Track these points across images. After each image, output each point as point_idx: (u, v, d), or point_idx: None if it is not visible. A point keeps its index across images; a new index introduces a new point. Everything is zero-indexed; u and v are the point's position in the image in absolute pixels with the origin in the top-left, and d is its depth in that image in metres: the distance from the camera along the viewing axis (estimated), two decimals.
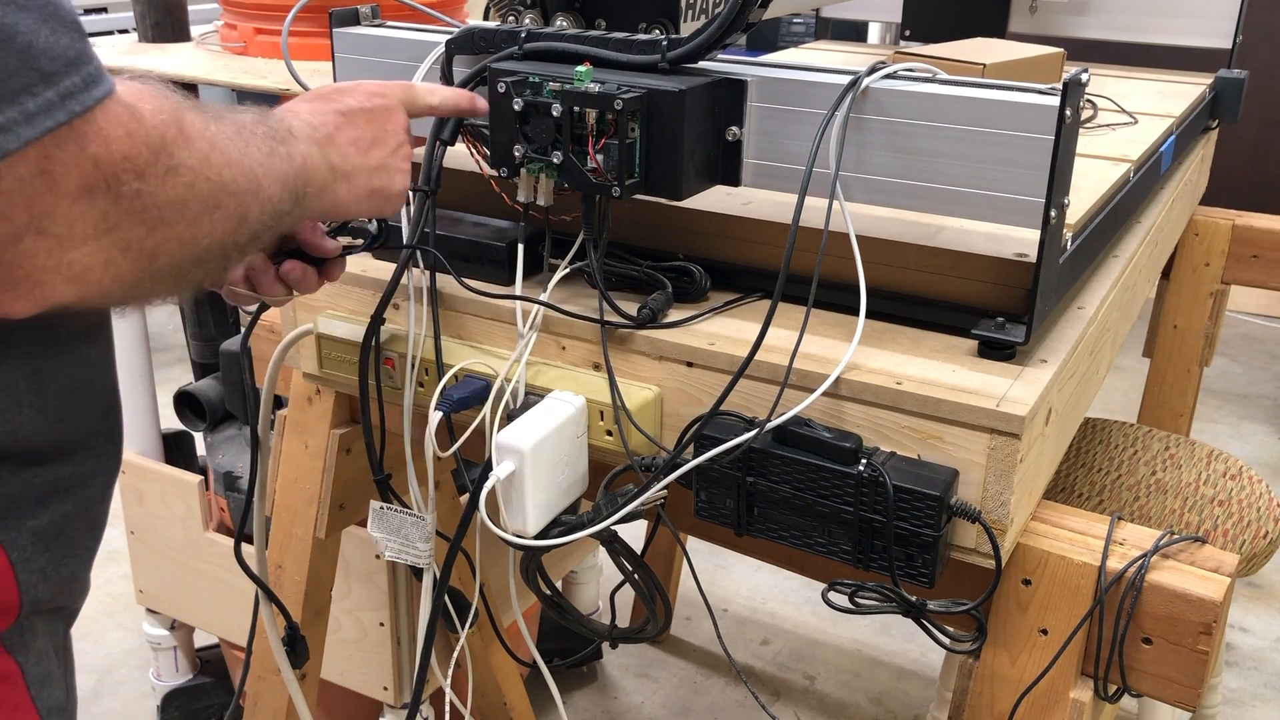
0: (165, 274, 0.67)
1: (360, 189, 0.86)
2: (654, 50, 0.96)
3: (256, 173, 0.71)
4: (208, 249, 0.68)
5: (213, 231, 0.68)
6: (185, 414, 1.90)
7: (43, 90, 0.58)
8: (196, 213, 0.66)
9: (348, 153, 0.85)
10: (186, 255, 0.67)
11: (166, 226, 0.65)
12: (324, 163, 0.82)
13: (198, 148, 0.66)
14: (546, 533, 0.96)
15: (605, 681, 2.27)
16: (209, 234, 0.68)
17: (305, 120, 0.82)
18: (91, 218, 0.61)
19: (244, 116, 0.75)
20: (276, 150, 0.75)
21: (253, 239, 0.73)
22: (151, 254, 0.65)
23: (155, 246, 0.65)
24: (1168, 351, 1.98)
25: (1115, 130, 1.44)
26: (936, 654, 2.26)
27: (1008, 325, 0.94)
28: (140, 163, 0.62)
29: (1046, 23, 2.01)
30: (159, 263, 0.66)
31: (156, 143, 0.63)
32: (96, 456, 0.81)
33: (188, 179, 0.65)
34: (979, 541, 0.89)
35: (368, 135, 0.87)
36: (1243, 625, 2.45)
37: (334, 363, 1.14)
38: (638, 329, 1.00)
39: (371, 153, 0.87)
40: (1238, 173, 3.90)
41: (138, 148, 0.62)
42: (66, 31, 0.60)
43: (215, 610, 1.87)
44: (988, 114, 0.88)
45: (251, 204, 0.71)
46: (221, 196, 0.68)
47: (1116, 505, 1.55)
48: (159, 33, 1.80)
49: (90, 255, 0.62)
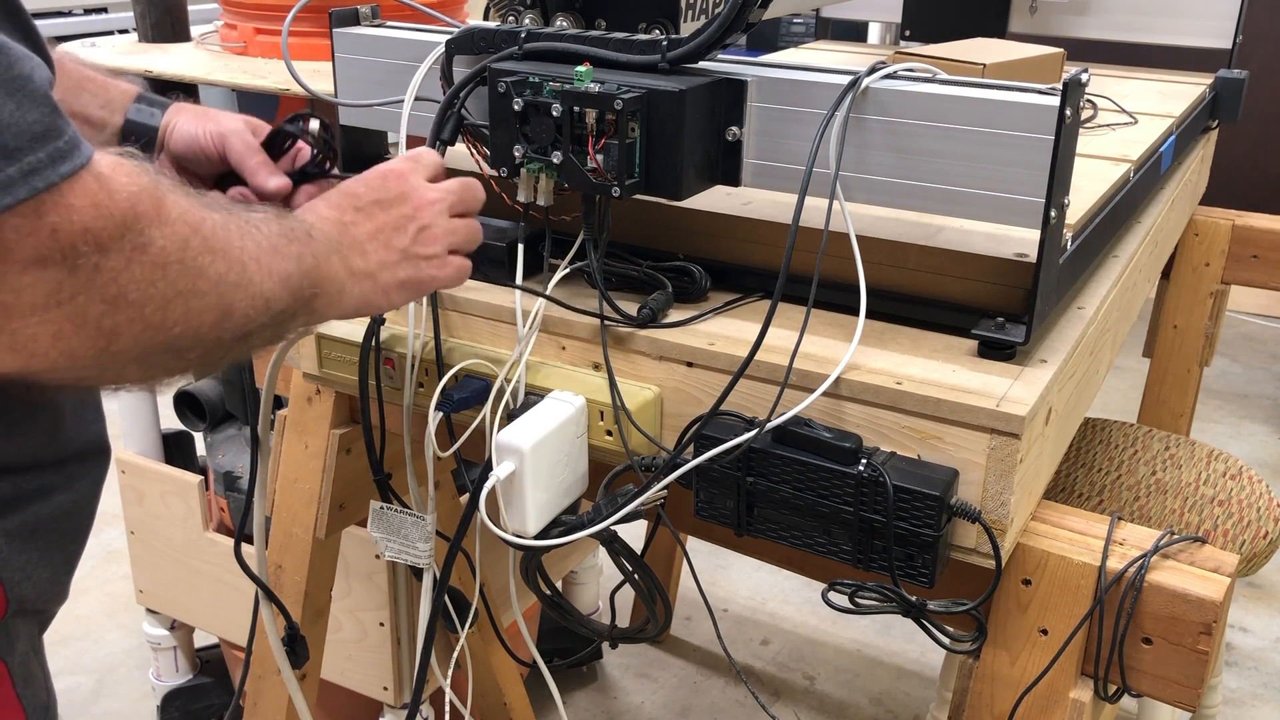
0: (129, 357, 0.64)
1: (388, 284, 0.83)
2: (654, 50, 0.96)
3: (248, 267, 0.69)
4: (182, 337, 0.65)
5: (187, 319, 0.65)
6: (185, 414, 1.90)
7: (4, 166, 0.56)
8: (166, 296, 0.63)
9: (369, 250, 0.82)
10: (155, 341, 0.64)
11: (130, 306, 0.62)
12: (343, 267, 0.79)
13: (175, 229, 0.64)
14: (546, 533, 0.96)
15: (605, 681, 2.27)
16: (182, 321, 0.65)
17: (325, 220, 0.80)
18: (42, 288, 0.59)
19: (256, 213, 0.73)
20: (283, 249, 0.72)
21: (244, 336, 0.70)
22: (110, 333, 0.62)
23: (115, 326, 0.62)
24: (1168, 351, 1.98)
25: (1115, 130, 1.44)
26: (936, 654, 2.26)
27: (1008, 325, 0.94)
28: (103, 236, 0.60)
29: (1046, 23, 2.01)
30: (119, 344, 0.63)
31: (125, 217, 0.61)
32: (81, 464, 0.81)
33: (157, 259, 0.62)
34: (979, 541, 0.89)
35: (387, 226, 0.84)
36: (1243, 625, 2.45)
37: (334, 363, 1.14)
38: (638, 329, 1.00)
39: (394, 243, 0.84)
40: (1238, 173, 3.90)
41: (102, 220, 0.60)
42: (35, 106, 0.58)
43: (215, 610, 1.87)
44: (988, 114, 0.88)
45: (237, 297, 0.68)
46: (198, 282, 0.65)
47: (1116, 505, 1.55)
48: (159, 33, 1.80)
49: (37, 326, 0.60)
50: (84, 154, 0.60)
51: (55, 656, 2.27)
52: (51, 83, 0.62)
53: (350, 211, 0.82)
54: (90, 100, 0.95)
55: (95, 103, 0.95)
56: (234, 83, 1.56)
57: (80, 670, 2.27)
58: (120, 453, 1.90)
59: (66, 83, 0.94)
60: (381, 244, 0.83)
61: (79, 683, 2.24)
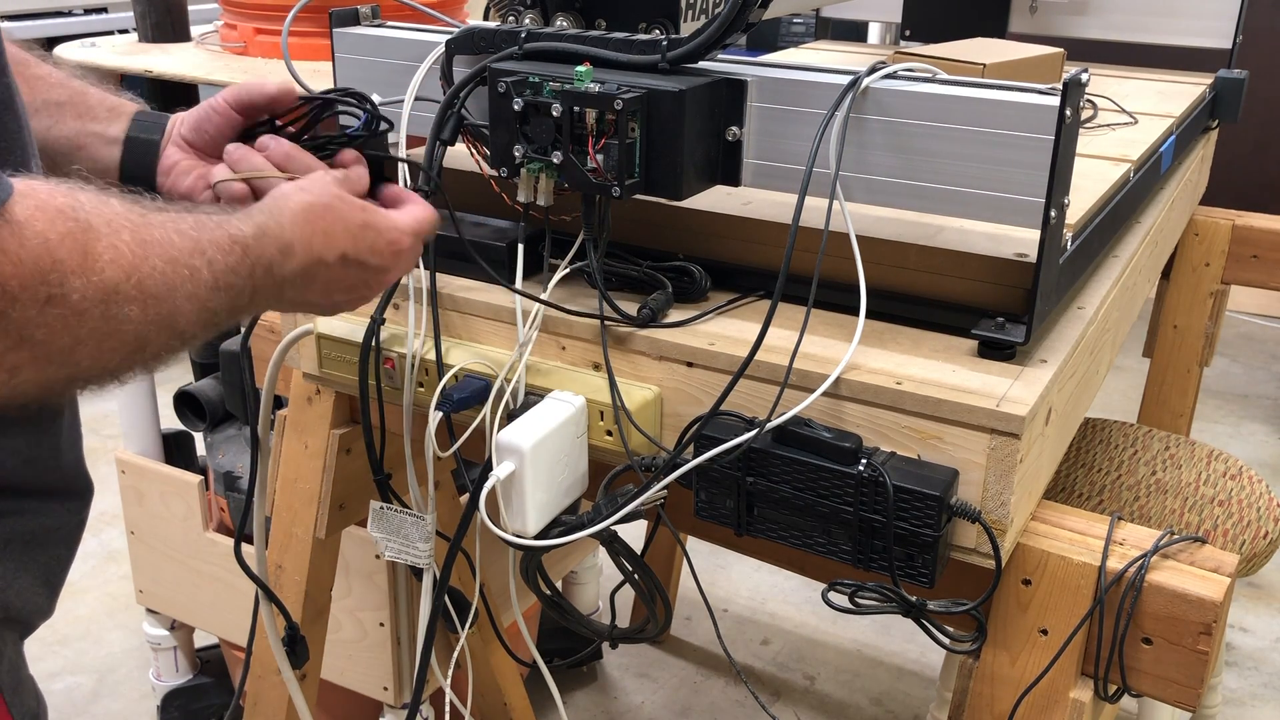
0: (28, 389, 0.62)
1: (298, 307, 0.85)
2: (654, 50, 0.96)
3: (179, 309, 0.67)
4: (89, 370, 0.64)
5: (98, 358, 0.63)
6: (185, 414, 1.90)
7: None
8: (78, 339, 0.61)
9: (314, 290, 0.81)
10: (58, 375, 0.62)
11: (33, 348, 0.60)
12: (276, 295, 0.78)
13: (102, 278, 0.61)
14: (546, 533, 0.96)
15: (605, 681, 2.27)
16: (92, 360, 0.63)
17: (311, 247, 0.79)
18: None
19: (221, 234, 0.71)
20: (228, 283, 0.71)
21: (150, 361, 0.68)
22: (10, 369, 0.59)
23: (16, 364, 0.59)
24: (1168, 351, 1.98)
25: (1115, 130, 1.44)
26: (936, 654, 2.26)
27: (1008, 325, 0.94)
28: (10, 285, 0.57)
29: (1046, 23, 2.01)
30: (18, 379, 0.60)
31: (40, 265, 0.58)
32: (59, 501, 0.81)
33: (75, 308, 0.60)
34: (979, 541, 0.89)
35: (347, 284, 0.84)
36: (1243, 625, 2.45)
37: (334, 363, 1.14)
38: (638, 329, 1.00)
39: (333, 296, 0.84)
40: (1238, 173, 3.90)
41: (8, 269, 0.57)
42: None
43: (215, 610, 1.87)
44: (988, 114, 0.88)
45: (154, 334, 0.66)
46: (119, 328, 0.63)
47: (1116, 505, 1.55)
48: (159, 33, 1.80)
49: None
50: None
51: (55, 656, 2.28)
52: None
53: (337, 253, 0.81)
54: (94, 105, 0.95)
55: (102, 107, 0.96)
56: (234, 83, 1.56)
57: (80, 670, 2.27)
58: (120, 453, 1.90)
59: (68, 90, 0.94)
60: (326, 293, 0.83)
61: (79, 683, 2.24)
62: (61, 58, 1.71)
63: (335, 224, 0.81)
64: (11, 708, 0.77)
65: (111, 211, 0.64)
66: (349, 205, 0.83)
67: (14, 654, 0.80)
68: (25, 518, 0.78)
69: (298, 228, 0.79)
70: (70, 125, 0.93)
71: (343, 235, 0.81)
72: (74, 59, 1.68)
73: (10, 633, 0.80)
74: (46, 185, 0.61)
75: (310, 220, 0.80)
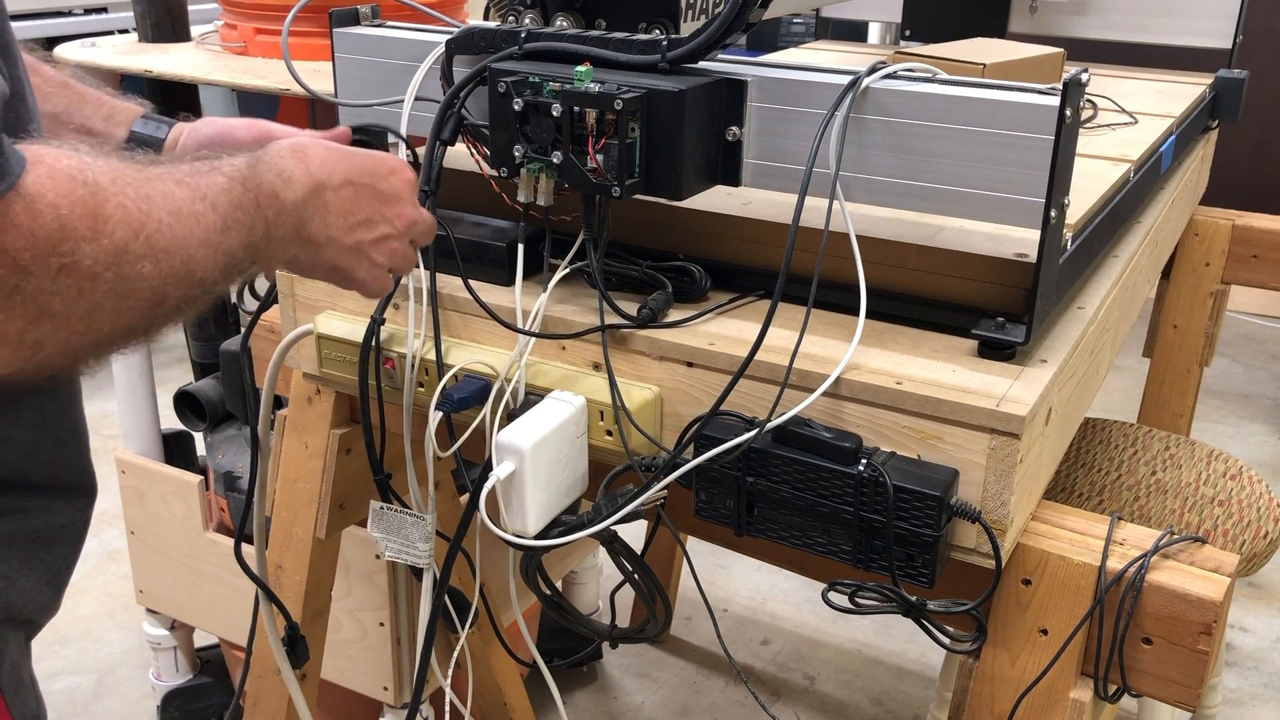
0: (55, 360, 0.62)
1: (324, 260, 0.83)
2: (654, 50, 0.96)
3: (193, 256, 0.66)
4: (111, 333, 0.64)
5: (117, 320, 0.63)
6: (185, 414, 1.90)
7: None
8: (95, 305, 0.61)
9: (330, 222, 0.81)
10: (82, 343, 0.62)
11: (53, 319, 0.60)
12: (294, 230, 0.77)
13: (112, 241, 0.61)
14: (546, 533, 0.96)
15: (605, 681, 2.27)
16: (111, 322, 0.63)
17: (308, 175, 0.79)
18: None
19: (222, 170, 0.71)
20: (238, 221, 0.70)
21: (173, 313, 0.68)
22: (34, 345, 0.60)
23: (39, 339, 0.60)
24: (1168, 351, 1.98)
25: (1115, 130, 1.44)
26: (936, 654, 2.26)
27: (1008, 325, 0.94)
28: (24, 259, 0.57)
29: (1046, 23, 2.01)
30: (44, 353, 0.61)
31: (51, 236, 0.58)
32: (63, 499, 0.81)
33: (88, 273, 0.60)
34: (979, 541, 0.89)
35: (361, 213, 0.83)
36: (1243, 625, 2.45)
37: (334, 363, 1.14)
38: (638, 329, 1.00)
39: (355, 231, 0.83)
40: (1238, 173, 3.90)
41: (21, 243, 0.57)
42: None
43: (215, 610, 1.87)
44: (988, 114, 0.88)
45: (172, 288, 0.66)
46: (134, 287, 0.63)
47: (1116, 505, 1.55)
48: (159, 33, 1.80)
49: None
50: (8, 180, 0.57)
51: (55, 656, 2.28)
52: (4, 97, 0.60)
53: (340, 176, 0.81)
54: (93, 113, 0.95)
55: (99, 115, 0.96)
56: (234, 83, 1.56)
57: (80, 670, 2.27)
58: (120, 453, 1.90)
59: (68, 95, 0.94)
60: (345, 225, 0.82)
61: (79, 683, 2.24)
62: (62, 58, 1.71)
63: (328, 154, 0.81)
64: (11, 708, 0.77)
65: (114, 169, 0.64)
66: (336, 146, 0.83)
67: (16, 654, 0.80)
68: (29, 515, 0.78)
69: (291, 158, 0.78)
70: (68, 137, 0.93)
71: (339, 161, 0.81)
72: (74, 59, 1.68)
73: (14, 633, 0.80)
74: (51, 149, 0.61)
75: (299, 153, 0.80)
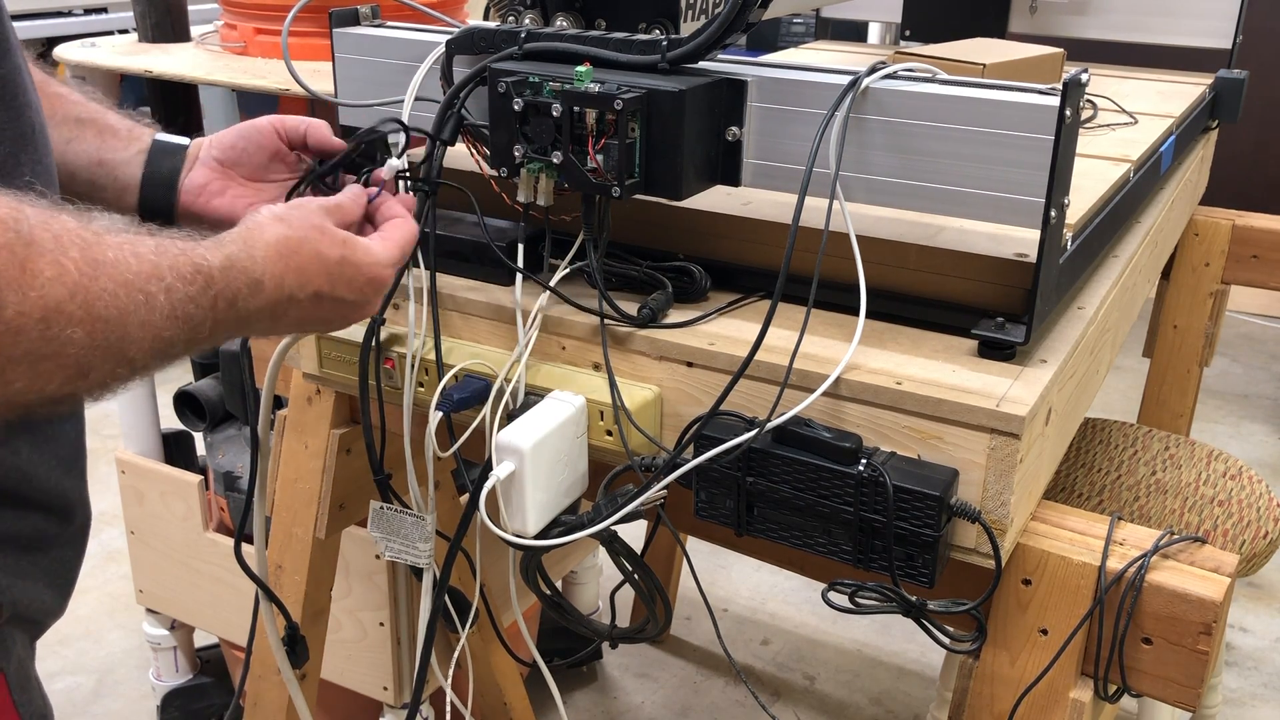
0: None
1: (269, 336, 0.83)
2: (654, 50, 0.96)
3: (130, 334, 0.63)
4: (22, 394, 0.60)
5: (33, 382, 0.59)
6: (185, 414, 1.90)
7: None
8: (8, 360, 0.58)
9: (280, 324, 0.79)
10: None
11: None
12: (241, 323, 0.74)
13: (43, 294, 0.58)
14: (546, 533, 0.96)
15: (605, 681, 2.27)
16: (27, 382, 0.59)
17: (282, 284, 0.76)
18: None
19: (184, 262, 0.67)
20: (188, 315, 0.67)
21: (97, 388, 0.64)
22: None
23: None
24: (1168, 351, 1.98)
25: (1115, 130, 1.44)
26: (936, 654, 2.26)
27: (1008, 325, 0.94)
28: None
29: (1046, 23, 2.01)
30: None
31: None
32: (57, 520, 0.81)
33: (8, 325, 0.57)
34: (979, 541, 0.89)
35: (319, 315, 0.81)
36: (1243, 625, 2.45)
37: (334, 363, 1.14)
38: (638, 329, 1.00)
39: (307, 328, 0.83)
40: (1238, 173, 3.90)
41: None
42: None
43: (215, 610, 1.87)
44: (988, 114, 0.88)
45: (101, 361, 0.62)
46: (60, 350, 0.59)
47: (1116, 505, 1.55)
48: (159, 33, 1.80)
49: None
50: None
51: (55, 656, 2.28)
52: None
53: (311, 289, 0.78)
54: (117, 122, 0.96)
55: (123, 126, 0.96)
56: (234, 83, 1.56)
57: (80, 670, 2.27)
58: (120, 453, 1.90)
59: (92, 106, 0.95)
60: (301, 323, 0.81)
61: (79, 683, 2.24)
62: (62, 58, 1.71)
63: (311, 261, 0.78)
64: (19, 706, 0.77)
65: (61, 227, 0.61)
66: (328, 240, 0.80)
67: (23, 654, 0.80)
68: (5, 522, 0.78)
69: (270, 263, 0.75)
70: (90, 142, 0.93)
71: (318, 273, 0.78)
72: (74, 59, 1.68)
73: (21, 633, 0.80)
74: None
75: (284, 255, 0.77)
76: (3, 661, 0.77)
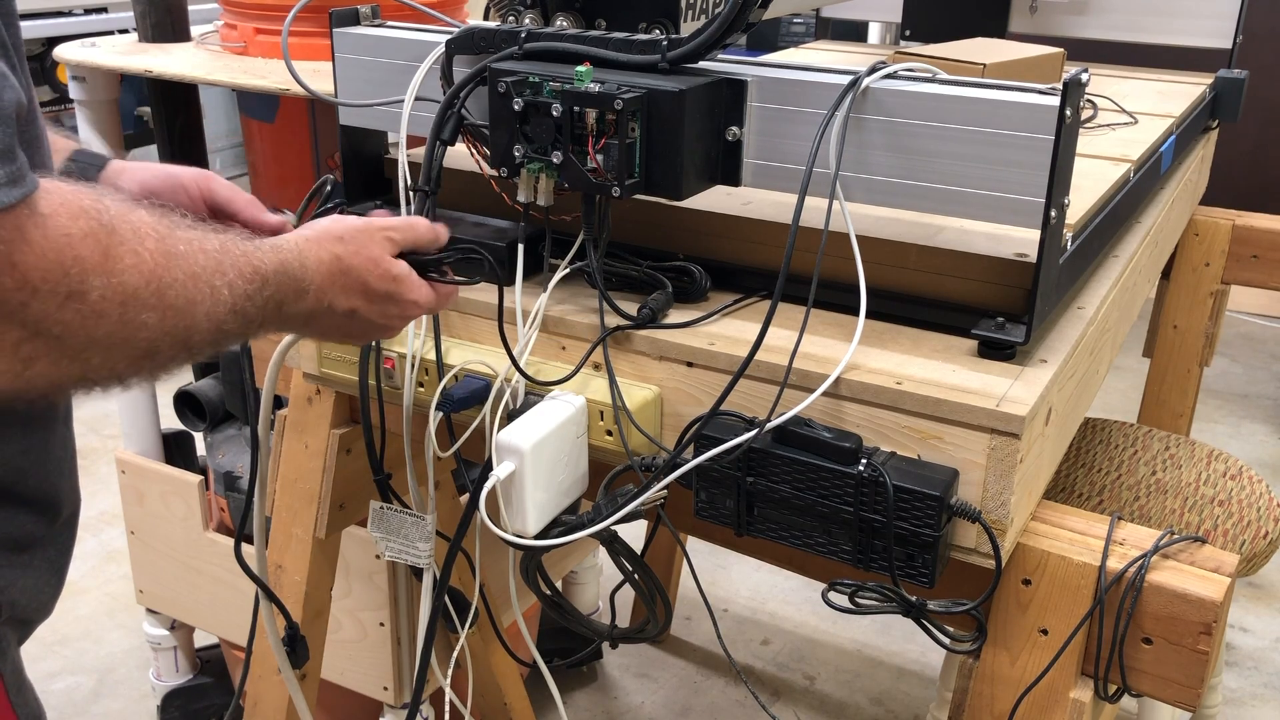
0: (40, 383, 0.61)
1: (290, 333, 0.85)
2: (654, 50, 0.96)
3: (197, 324, 0.67)
4: (98, 372, 0.63)
5: (107, 361, 0.63)
6: (185, 414, 1.90)
7: None
8: (91, 341, 0.61)
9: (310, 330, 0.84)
10: (69, 373, 0.62)
11: (48, 341, 0.59)
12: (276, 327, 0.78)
13: (123, 280, 0.61)
14: (546, 533, 0.96)
15: (605, 681, 2.27)
16: (103, 361, 0.62)
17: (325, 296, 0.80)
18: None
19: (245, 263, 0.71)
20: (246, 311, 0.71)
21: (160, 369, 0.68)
22: (26, 359, 0.59)
23: (30, 354, 0.59)
24: (1168, 351, 1.98)
25: (1115, 130, 1.44)
26: (936, 654, 2.26)
27: (1008, 325, 0.94)
28: (33, 277, 0.57)
29: (1046, 23, 2.01)
30: (33, 370, 0.60)
31: (64, 260, 0.58)
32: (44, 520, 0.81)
33: (94, 308, 0.60)
34: (979, 541, 0.89)
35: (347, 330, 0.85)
36: (1243, 625, 2.45)
37: (334, 363, 1.14)
38: (638, 329, 1.00)
39: (330, 336, 0.87)
40: (1238, 173, 3.90)
41: (32, 259, 0.57)
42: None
43: (215, 610, 1.87)
44: (988, 114, 0.88)
45: (168, 346, 0.66)
46: (135, 334, 0.63)
47: (1116, 505, 1.55)
48: (159, 33, 1.80)
49: None
50: (24, 188, 0.56)
51: (55, 656, 2.28)
52: (21, 107, 0.59)
53: (350, 304, 0.82)
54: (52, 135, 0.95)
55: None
56: (234, 83, 1.56)
57: (80, 670, 2.27)
58: (120, 453, 1.90)
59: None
60: (326, 332, 0.85)
61: (79, 683, 2.24)
62: (62, 58, 1.71)
63: (356, 287, 0.82)
64: (16, 707, 0.77)
65: (139, 219, 0.64)
66: (379, 274, 0.83)
67: (16, 655, 0.80)
68: (13, 523, 0.78)
69: (319, 276, 0.79)
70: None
71: (360, 297, 0.82)
72: (74, 59, 1.68)
73: (13, 633, 0.80)
74: (71, 186, 0.61)
75: (334, 275, 0.80)
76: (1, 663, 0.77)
